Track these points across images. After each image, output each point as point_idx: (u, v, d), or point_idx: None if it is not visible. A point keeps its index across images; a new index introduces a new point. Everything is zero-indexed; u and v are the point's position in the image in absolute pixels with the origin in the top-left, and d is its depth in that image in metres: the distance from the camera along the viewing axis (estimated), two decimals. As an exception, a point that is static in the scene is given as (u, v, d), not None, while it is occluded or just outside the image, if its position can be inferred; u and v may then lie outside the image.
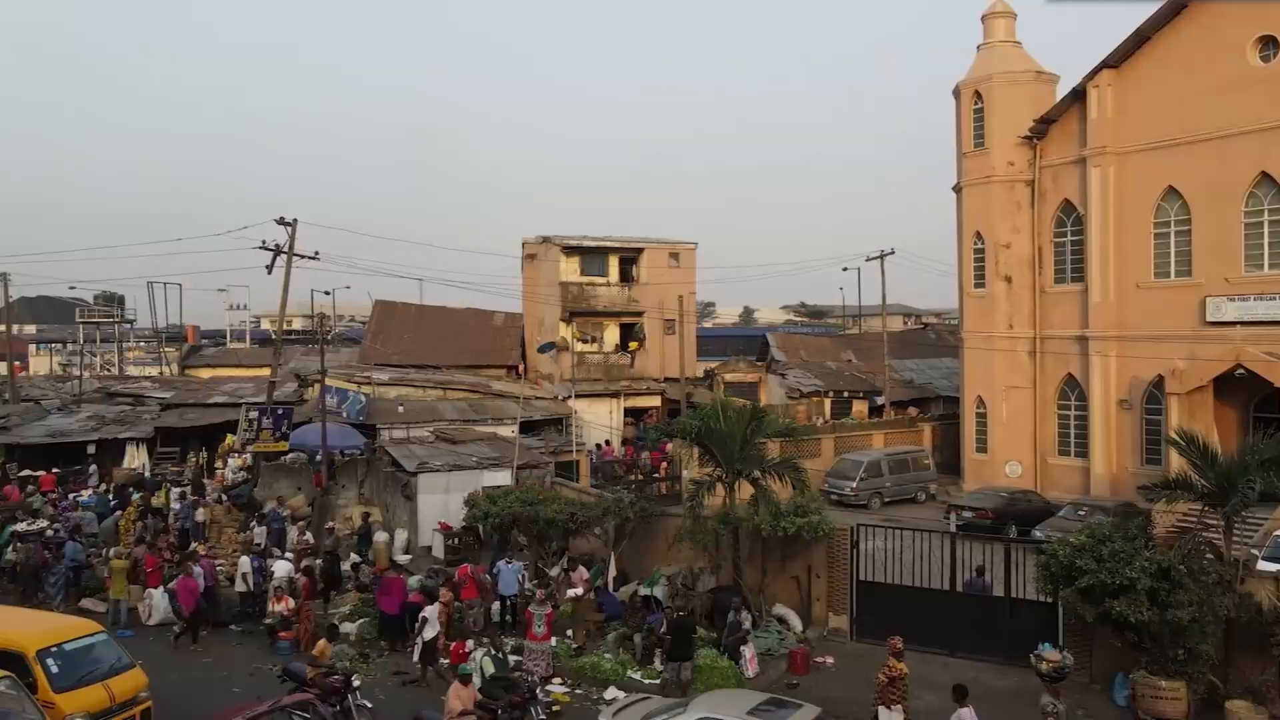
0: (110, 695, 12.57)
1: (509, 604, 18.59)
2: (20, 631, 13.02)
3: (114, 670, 12.98)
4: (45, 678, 12.24)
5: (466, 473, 24.12)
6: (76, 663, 12.81)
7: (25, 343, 69.17)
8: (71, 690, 12.32)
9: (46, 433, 31.77)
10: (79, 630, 13.54)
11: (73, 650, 12.94)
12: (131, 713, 12.75)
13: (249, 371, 41.94)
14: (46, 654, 12.54)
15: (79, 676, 12.61)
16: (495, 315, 40.41)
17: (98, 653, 13.22)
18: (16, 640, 12.62)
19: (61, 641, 12.95)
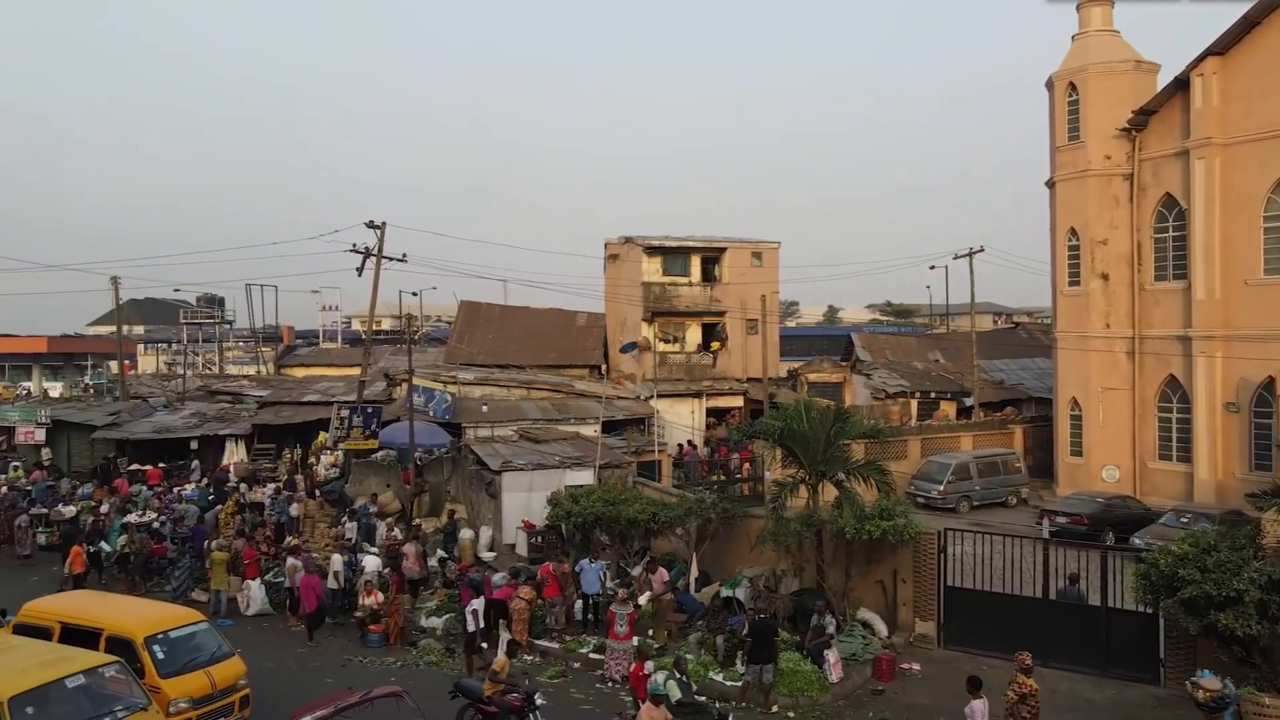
0: (212, 681, 13.02)
1: (591, 603, 18.70)
2: (130, 619, 13.53)
3: (215, 658, 13.43)
4: (152, 663, 12.69)
5: (549, 472, 24.35)
6: (181, 649, 13.28)
7: (134, 343, 72.45)
8: (176, 676, 12.78)
9: (153, 429, 33.19)
10: (183, 619, 14.03)
11: (177, 637, 13.42)
12: (231, 699, 13.17)
13: (340, 371, 43.11)
14: (153, 640, 13.02)
15: (183, 663, 13.06)
16: (578, 315, 40.72)
17: (200, 640, 13.68)
18: (126, 627, 13.13)
19: (167, 629, 13.44)
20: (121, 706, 11.47)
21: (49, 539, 24.39)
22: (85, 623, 13.37)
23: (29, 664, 11.48)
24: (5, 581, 19.69)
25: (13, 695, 10.61)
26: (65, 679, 11.30)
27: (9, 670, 11.18)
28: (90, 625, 13.27)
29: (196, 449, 32.40)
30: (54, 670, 11.37)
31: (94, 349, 76.21)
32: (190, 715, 12.60)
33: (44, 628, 13.41)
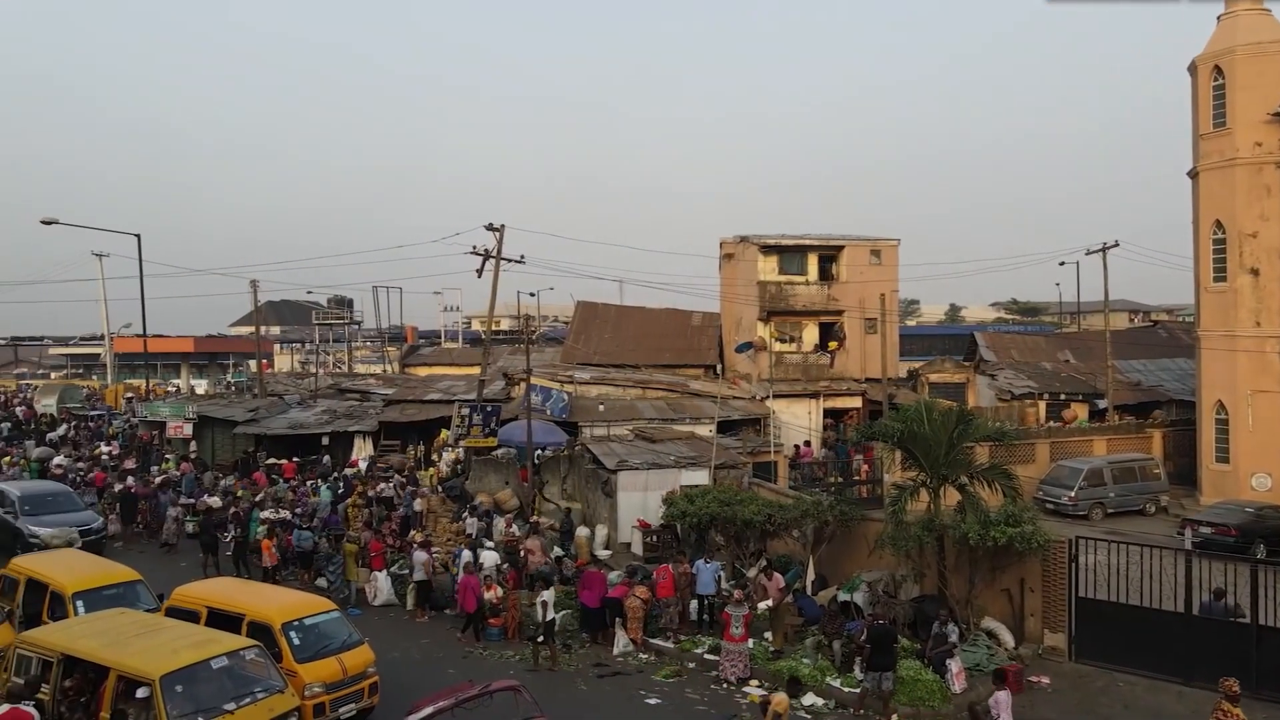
0: (343, 668, 13.55)
1: (706, 603, 18.66)
2: (268, 605, 14.24)
3: (346, 645, 13.95)
4: (289, 648, 13.30)
5: (665, 471, 24.42)
6: (314, 636, 13.86)
7: (271, 343, 76.25)
8: (310, 661, 13.34)
9: (288, 425, 34.82)
10: (316, 607, 14.63)
11: (311, 624, 14.01)
12: (360, 685, 13.66)
13: (461, 370, 44.33)
14: (290, 627, 13.64)
15: (316, 649, 13.62)
16: (693, 315, 40.70)
17: (332, 628, 14.26)
18: (265, 613, 13.83)
19: (302, 616, 14.05)
20: (260, 687, 12.09)
21: (194, 528, 25.92)
22: (229, 608, 14.09)
23: (179, 645, 12.23)
24: (155, 568, 20.94)
25: (165, 673, 11.32)
26: (211, 660, 12.00)
27: (161, 650, 11.94)
28: (233, 610, 13.97)
29: (328, 444, 33.82)
30: (201, 651, 12.08)
31: (235, 348, 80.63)
32: (323, 699, 13.09)
33: (192, 611, 14.19)
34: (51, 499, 24.86)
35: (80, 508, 25.17)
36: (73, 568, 16.42)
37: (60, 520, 23.38)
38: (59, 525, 22.90)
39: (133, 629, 12.98)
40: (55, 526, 22.73)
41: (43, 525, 22.85)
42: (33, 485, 26.87)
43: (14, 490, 24.89)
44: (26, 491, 25.03)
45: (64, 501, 25.07)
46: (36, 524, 22.91)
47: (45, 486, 26.59)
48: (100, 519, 24.96)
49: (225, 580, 17.68)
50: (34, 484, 27.47)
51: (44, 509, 24.03)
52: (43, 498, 24.77)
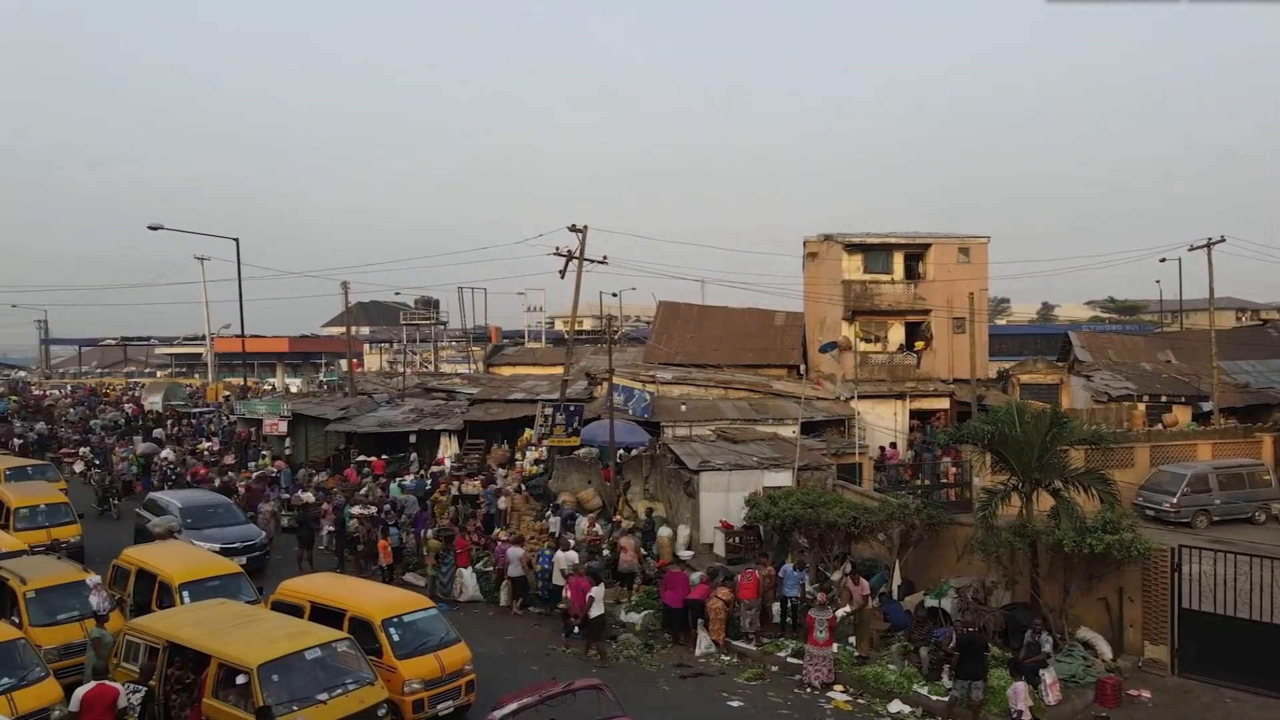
0: (441, 665, 13.71)
1: (789, 606, 18.47)
2: (369, 602, 14.47)
3: (443, 643, 14.10)
4: (388, 644, 13.51)
5: (747, 472, 24.25)
6: (413, 633, 14.02)
7: (361, 342, 78.30)
8: (410, 658, 13.52)
9: (377, 423, 35.68)
10: (415, 604, 14.81)
11: (410, 621, 14.19)
12: (458, 683, 13.79)
13: (544, 370, 44.81)
14: (390, 623, 13.84)
15: (415, 646, 13.79)
16: (776, 315, 40.36)
17: (430, 625, 14.41)
18: (366, 609, 14.07)
19: (402, 613, 14.25)
20: (351, 679, 12.41)
21: (289, 522, 26.79)
22: (331, 603, 14.44)
23: (275, 636, 12.65)
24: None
25: (262, 663, 11.73)
26: (305, 651, 12.38)
27: (259, 640, 12.36)
28: (335, 606, 14.32)
29: (415, 442, 34.55)
30: (296, 643, 12.47)
31: (327, 348, 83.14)
32: (422, 696, 13.24)
33: (296, 606, 14.59)
34: (213, 511, 23.51)
35: (242, 520, 23.89)
36: (179, 559, 17.14)
37: (223, 535, 22.17)
38: (222, 540, 21.61)
39: (232, 619, 13.49)
40: (214, 541, 21.40)
41: (206, 540, 21.33)
42: (193, 496, 25.18)
43: (174, 501, 23.61)
44: (188, 503, 23.62)
45: (225, 514, 23.70)
46: (200, 539, 21.37)
47: (205, 497, 25.07)
48: (264, 534, 23.66)
49: (327, 576, 17.99)
50: (194, 495, 25.68)
51: (206, 522, 22.72)
52: (204, 510, 23.38)
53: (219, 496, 25.64)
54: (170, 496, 24.85)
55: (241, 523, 23.58)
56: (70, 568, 17.15)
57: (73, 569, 17.04)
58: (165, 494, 25.85)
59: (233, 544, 21.59)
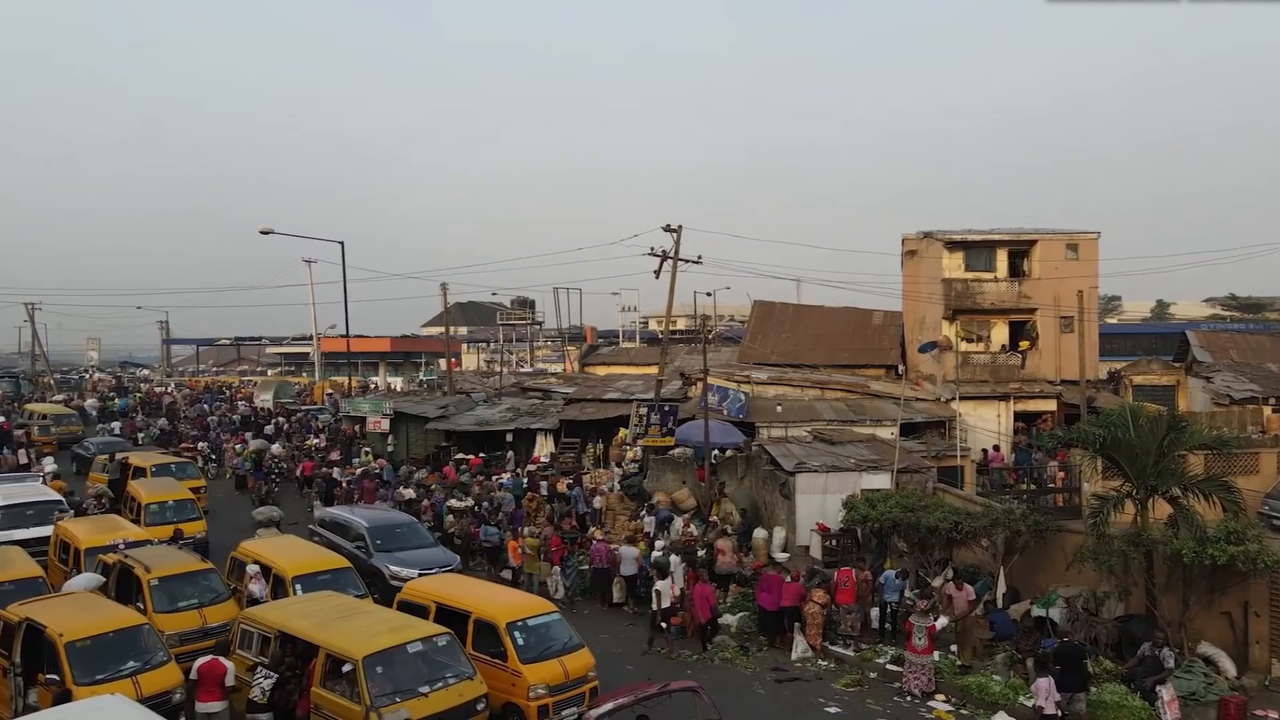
0: (565, 671, 13.58)
1: (889, 611, 18.10)
2: (494, 604, 14.45)
3: (567, 648, 13.95)
4: (513, 648, 13.41)
5: (844, 474, 23.83)
6: (538, 637, 13.90)
7: (459, 342, 79.99)
8: (535, 663, 13.41)
9: (475, 421, 36.37)
10: (540, 608, 14.67)
11: (535, 625, 14.07)
12: (582, 689, 13.55)
13: (638, 369, 44.95)
14: (514, 626, 13.76)
15: (540, 650, 13.66)
16: (873, 314, 39.61)
17: (555, 630, 14.25)
18: (491, 612, 14.05)
19: (526, 616, 14.16)
20: (451, 674, 12.68)
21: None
22: (456, 604, 14.48)
23: (379, 629, 13.03)
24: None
25: (366, 654, 12.09)
26: (407, 644, 12.71)
27: (364, 633, 12.75)
28: (460, 607, 14.35)
29: (512, 441, 35.09)
30: (399, 636, 12.81)
31: (426, 348, 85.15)
32: (547, 702, 13.12)
33: (422, 606, 14.66)
34: (400, 531, 21.62)
35: (430, 541, 22.08)
36: (293, 553, 17.85)
37: (414, 559, 20.30)
38: (419, 564, 19.80)
39: (338, 611, 13.94)
40: (410, 565, 19.75)
41: (399, 564, 19.93)
42: (379, 516, 22.93)
43: (361, 521, 21.60)
44: (375, 523, 21.71)
45: (412, 534, 21.83)
46: (394, 563, 20.02)
47: (391, 516, 23.10)
48: (456, 558, 21.75)
49: (450, 576, 17.83)
50: (379, 514, 23.35)
51: (395, 543, 20.93)
52: (392, 530, 21.53)
53: (403, 515, 23.55)
54: (355, 515, 22.48)
55: (430, 544, 21.71)
56: (191, 558, 18.02)
57: (193, 559, 17.91)
58: (347, 511, 23.25)
59: (430, 570, 19.26)
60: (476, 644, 13.84)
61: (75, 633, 12.99)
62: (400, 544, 20.95)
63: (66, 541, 19.55)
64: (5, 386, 63.00)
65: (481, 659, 13.52)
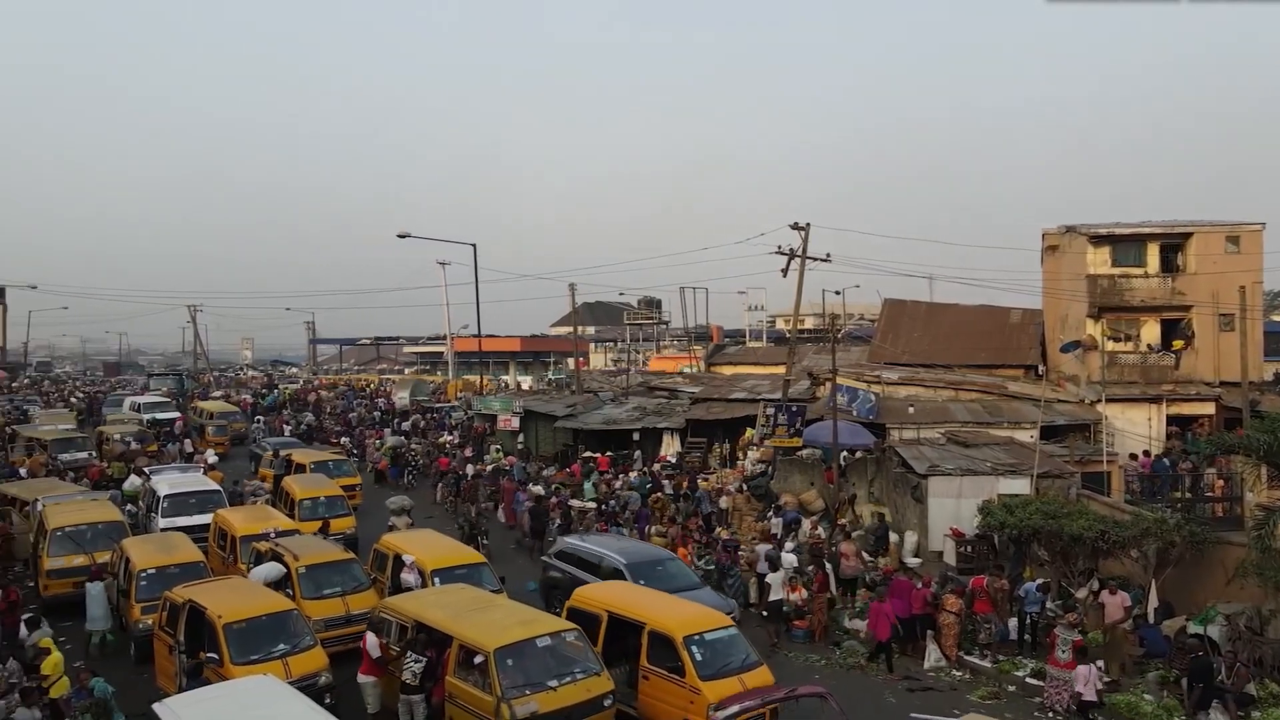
0: (745, 690, 12.55)
1: (1028, 622, 17.35)
2: (669, 616, 13.64)
3: (746, 665, 13.09)
4: (691, 663, 12.65)
5: (980, 478, 23.01)
6: (716, 652, 13.13)
7: (586, 342, 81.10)
8: (714, 680, 12.61)
9: (602, 420, 36.80)
10: (717, 622, 13.85)
11: (713, 640, 13.28)
12: (762, 710, 12.29)
13: (765, 369, 44.50)
14: (692, 640, 12.98)
15: (719, 667, 12.87)
16: (1011, 312, 38.07)
17: (733, 646, 13.47)
18: (666, 624, 13.29)
19: (704, 630, 13.37)
20: (579, 669, 12.84)
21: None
22: (630, 615, 13.89)
23: (509, 622, 13.33)
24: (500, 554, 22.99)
25: (498, 647, 12.38)
26: (536, 638, 12.95)
27: (495, 627, 13.06)
28: (634, 618, 13.76)
29: (638, 440, 35.36)
30: (528, 630, 13.07)
31: (555, 347, 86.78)
32: None
33: (594, 615, 14.24)
34: (662, 570, 18.02)
35: (696, 582, 18.29)
36: (432, 547, 18.48)
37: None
38: None
39: (471, 604, 14.35)
40: None
41: None
42: (634, 550, 19.14)
43: (615, 557, 18.06)
44: (633, 559, 18.04)
45: (676, 573, 18.15)
46: None
47: (649, 552, 19.40)
48: (733, 603, 18.31)
49: (621, 584, 16.62)
50: (633, 548, 19.51)
51: (659, 584, 17.00)
52: (653, 568, 17.95)
53: (659, 549, 20.14)
54: (605, 549, 18.71)
55: (697, 584, 18.14)
56: (335, 548, 18.93)
57: (337, 549, 18.82)
58: (594, 543, 19.42)
59: None
60: (651, 657, 13.29)
61: (232, 615, 13.83)
62: (664, 585, 16.98)
63: (224, 529, 20.84)
64: (171, 384, 67.67)
65: (658, 673, 13.07)
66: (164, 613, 15.03)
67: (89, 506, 21.95)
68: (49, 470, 31.31)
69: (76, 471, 31.29)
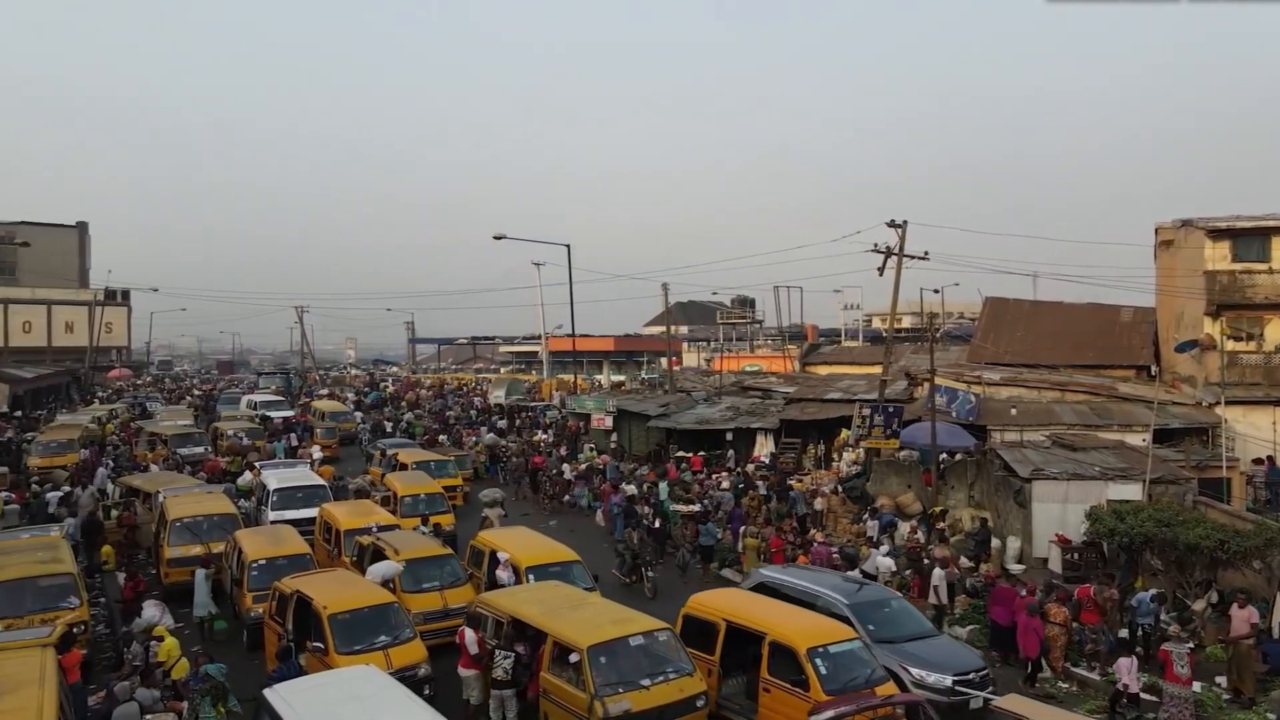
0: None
1: (1140, 634, 16.61)
2: (792, 627, 13.20)
3: (871, 681, 12.53)
4: (816, 678, 12.20)
5: (1088, 483, 22.14)
6: (841, 666, 12.61)
7: (679, 341, 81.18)
8: (839, 695, 12.05)
9: (695, 420, 36.76)
10: (841, 634, 13.30)
11: (838, 653, 12.80)
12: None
13: (861, 369, 43.80)
14: (816, 653, 12.51)
15: (846, 682, 12.39)
16: (1121, 310, 36.57)
17: (858, 659, 12.91)
18: (789, 635, 12.84)
19: (829, 642, 12.85)
20: (671, 669, 12.84)
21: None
22: (750, 624, 13.48)
23: (603, 621, 13.43)
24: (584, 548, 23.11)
25: (591, 644, 12.49)
26: (629, 637, 13.00)
27: (589, 625, 13.18)
28: (755, 628, 13.34)
29: (731, 440, 35.18)
30: (621, 628, 13.14)
31: (648, 347, 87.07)
32: None
33: (711, 623, 13.93)
34: (890, 611, 15.49)
35: (930, 628, 15.76)
36: (527, 545, 18.76)
37: (930, 655, 14.38)
38: (936, 663, 14.09)
39: (565, 601, 14.50)
40: (935, 667, 13.97)
41: (921, 664, 14.04)
42: (858, 588, 16.13)
43: (836, 597, 15.25)
44: (856, 599, 15.36)
45: (905, 618, 15.55)
46: (912, 661, 14.12)
47: (874, 591, 16.35)
48: (980, 663, 14.74)
49: (737, 592, 16.27)
50: (858, 585, 16.46)
51: (891, 629, 14.93)
52: (879, 609, 15.35)
53: (881, 588, 17.32)
54: (820, 585, 15.89)
55: (931, 631, 15.67)
56: (434, 543, 19.41)
57: (436, 544, 19.28)
58: (806, 579, 16.49)
59: (966, 674, 13.97)
60: (772, 668, 12.80)
61: (337, 606, 14.30)
62: (897, 630, 14.92)
63: (329, 523, 21.57)
64: (278, 382, 70.38)
65: (779, 686, 12.58)
66: (273, 602, 15.67)
67: (205, 499, 23.02)
68: (169, 464, 32.95)
69: (194, 465, 32.82)
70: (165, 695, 12.65)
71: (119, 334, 78.87)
